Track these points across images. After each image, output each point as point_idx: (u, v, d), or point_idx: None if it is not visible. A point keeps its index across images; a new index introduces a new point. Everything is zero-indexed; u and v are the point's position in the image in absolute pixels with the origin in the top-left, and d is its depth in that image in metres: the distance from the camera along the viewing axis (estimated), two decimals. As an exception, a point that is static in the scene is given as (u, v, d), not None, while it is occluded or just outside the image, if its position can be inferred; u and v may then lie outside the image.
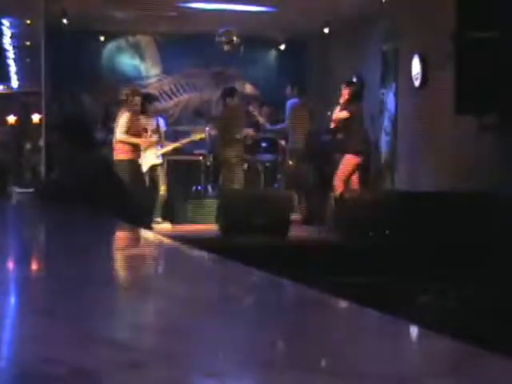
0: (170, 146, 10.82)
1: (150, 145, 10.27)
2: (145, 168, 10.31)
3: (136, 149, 9.58)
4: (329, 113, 9.88)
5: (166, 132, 10.93)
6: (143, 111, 10.49)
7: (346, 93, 9.70)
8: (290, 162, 11.41)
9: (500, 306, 5.21)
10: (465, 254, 6.61)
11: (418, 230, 7.53)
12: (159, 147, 10.53)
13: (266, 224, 8.51)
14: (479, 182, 8.36)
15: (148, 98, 10.88)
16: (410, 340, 1.14)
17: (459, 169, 8.97)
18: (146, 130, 10.28)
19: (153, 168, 10.46)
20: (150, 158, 10.40)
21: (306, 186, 11.13)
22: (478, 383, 0.90)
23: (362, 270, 6.49)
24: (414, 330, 1.14)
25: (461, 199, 7.80)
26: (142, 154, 9.94)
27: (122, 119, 9.59)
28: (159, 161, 10.52)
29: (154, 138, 10.35)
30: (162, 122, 10.88)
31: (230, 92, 11.11)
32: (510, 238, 6.47)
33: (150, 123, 10.39)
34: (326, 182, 10.11)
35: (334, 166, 9.88)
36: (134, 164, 9.53)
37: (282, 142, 11.76)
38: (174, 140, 11.17)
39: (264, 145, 11.98)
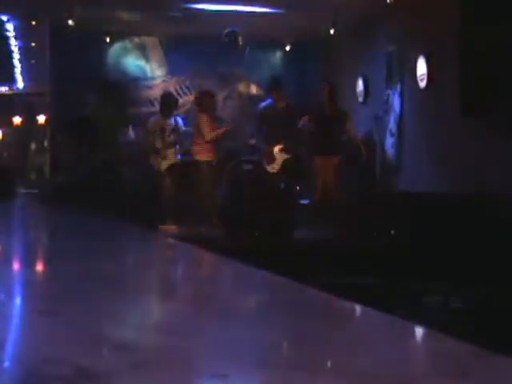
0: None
1: (170, 144, 10.43)
2: (163, 168, 10.45)
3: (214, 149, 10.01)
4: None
5: (185, 132, 10.87)
6: (162, 111, 10.62)
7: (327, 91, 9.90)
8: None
9: (501, 305, 5.21)
10: (468, 255, 6.61)
11: (422, 231, 7.53)
12: (177, 147, 10.58)
13: (269, 224, 8.53)
14: (485, 183, 8.34)
15: (167, 98, 10.95)
16: (414, 340, 1.14)
17: (465, 170, 8.95)
18: (163, 130, 10.38)
19: (171, 167, 10.52)
20: (169, 158, 10.52)
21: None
22: (483, 383, 0.90)
23: (364, 271, 6.49)
24: (417, 331, 1.14)
25: (466, 200, 7.78)
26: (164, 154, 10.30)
27: (202, 122, 9.97)
28: (176, 160, 10.56)
29: (172, 137, 10.41)
30: (180, 121, 10.88)
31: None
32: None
33: (168, 123, 10.44)
34: None
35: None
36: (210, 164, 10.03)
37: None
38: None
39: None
